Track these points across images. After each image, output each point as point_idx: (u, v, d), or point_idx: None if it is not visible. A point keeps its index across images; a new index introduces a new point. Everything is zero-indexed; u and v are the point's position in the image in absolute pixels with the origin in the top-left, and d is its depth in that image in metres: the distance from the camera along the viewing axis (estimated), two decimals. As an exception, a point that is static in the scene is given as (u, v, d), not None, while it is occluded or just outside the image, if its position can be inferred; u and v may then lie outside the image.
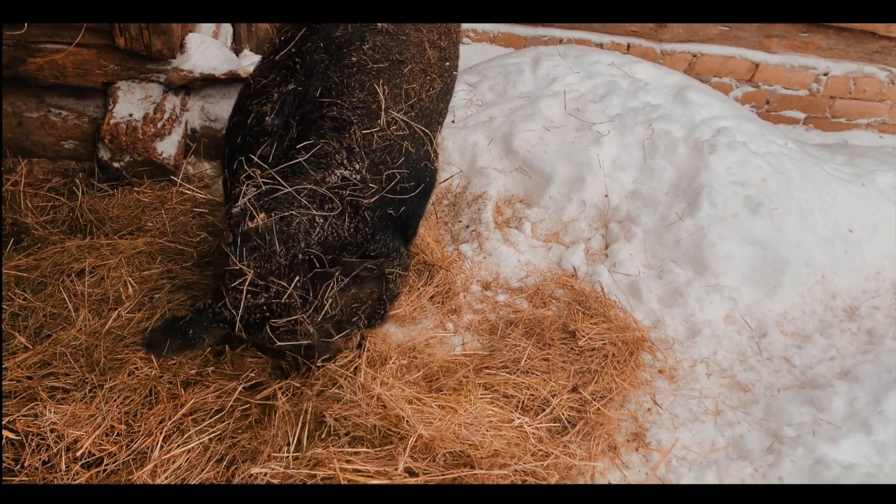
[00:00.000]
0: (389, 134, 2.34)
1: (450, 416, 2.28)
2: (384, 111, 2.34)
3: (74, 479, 2.04)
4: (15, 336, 2.40)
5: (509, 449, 2.26)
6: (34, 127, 3.19)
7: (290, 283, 2.03)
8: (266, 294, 2.04)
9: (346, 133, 2.27)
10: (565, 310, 2.95)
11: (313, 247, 2.09)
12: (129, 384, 2.28)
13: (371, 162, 2.28)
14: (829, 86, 5.12)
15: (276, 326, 2.06)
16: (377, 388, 2.29)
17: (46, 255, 2.78)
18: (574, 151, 3.42)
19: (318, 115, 2.27)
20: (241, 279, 2.02)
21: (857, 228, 3.36)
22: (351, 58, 2.40)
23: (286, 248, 2.07)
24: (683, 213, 3.24)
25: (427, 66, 2.63)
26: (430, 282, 2.99)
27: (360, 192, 2.22)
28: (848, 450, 2.48)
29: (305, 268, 2.07)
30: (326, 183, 2.17)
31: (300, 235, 2.09)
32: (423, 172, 2.48)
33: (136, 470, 2.06)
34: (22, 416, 2.14)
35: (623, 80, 3.84)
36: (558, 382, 2.60)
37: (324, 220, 2.13)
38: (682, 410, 2.68)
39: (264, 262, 2.05)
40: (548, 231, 3.33)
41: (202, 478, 2.07)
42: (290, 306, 2.06)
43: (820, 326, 3.08)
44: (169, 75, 3.24)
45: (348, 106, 2.31)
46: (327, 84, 2.33)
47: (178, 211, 3.13)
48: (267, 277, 2.04)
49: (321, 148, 2.21)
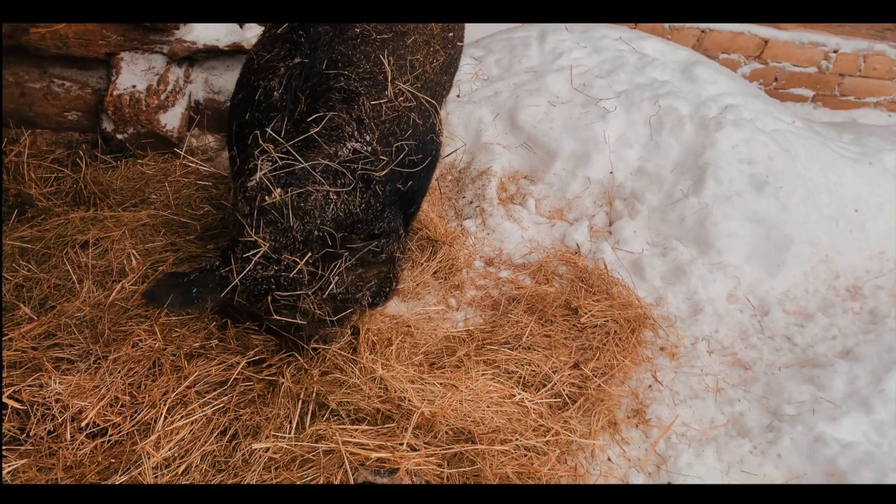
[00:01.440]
0: (397, 105, 2.33)
1: (451, 393, 2.29)
2: (390, 82, 2.32)
3: (80, 448, 2.06)
4: (20, 307, 2.41)
5: (510, 425, 2.28)
6: (37, 98, 3.18)
7: (301, 259, 2.04)
8: (276, 267, 2.05)
9: (355, 104, 2.25)
10: (568, 287, 2.95)
11: (328, 224, 2.10)
12: (133, 356, 2.29)
13: (381, 133, 2.26)
14: (838, 63, 5.07)
15: (278, 299, 2.07)
16: (379, 371, 2.30)
17: (50, 226, 2.78)
18: (580, 127, 3.41)
19: (325, 87, 2.25)
20: (254, 250, 2.03)
21: (863, 208, 3.35)
22: (354, 29, 2.37)
23: (302, 223, 2.07)
24: (688, 190, 3.23)
25: (430, 37, 2.60)
26: (434, 257, 2.99)
27: (372, 165, 2.21)
28: (847, 428, 2.50)
29: (318, 244, 2.08)
30: (339, 157, 2.16)
31: (316, 212, 2.09)
32: (430, 145, 2.47)
33: (140, 440, 2.08)
34: (27, 386, 2.16)
35: (630, 55, 3.81)
36: (559, 359, 2.61)
37: (337, 197, 2.12)
38: (682, 387, 2.69)
39: (280, 235, 2.06)
40: (552, 207, 3.32)
41: (205, 450, 2.09)
42: (297, 281, 2.07)
43: (822, 305, 3.08)
44: (172, 46, 3.22)
45: (355, 77, 2.28)
46: (333, 56, 2.31)
47: (182, 183, 3.12)
48: (281, 251, 2.04)
49: (331, 120, 2.19)
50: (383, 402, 2.24)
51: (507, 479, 2.14)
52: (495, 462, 2.15)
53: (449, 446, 2.16)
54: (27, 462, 2.02)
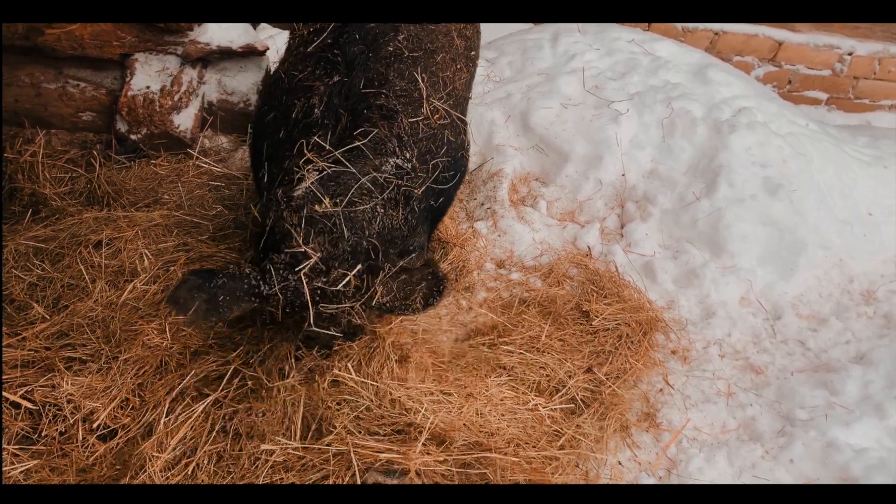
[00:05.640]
0: (433, 122, 2.34)
1: (468, 404, 2.27)
2: (426, 100, 2.33)
3: (92, 450, 2.07)
4: (33, 306, 2.42)
5: (524, 433, 2.27)
6: (52, 98, 3.20)
7: (351, 271, 1.99)
8: (324, 278, 1.99)
9: (395, 122, 2.25)
10: (579, 289, 2.94)
11: (373, 236, 2.06)
12: (143, 356, 2.30)
13: (419, 151, 2.27)
14: (853, 66, 5.03)
15: (321, 312, 2.01)
16: (396, 394, 2.26)
17: (64, 226, 2.80)
18: (592, 129, 3.40)
19: (366, 105, 2.25)
20: (305, 261, 1.97)
21: (877, 211, 3.32)
22: (388, 48, 2.38)
23: (352, 234, 2.03)
24: (701, 193, 3.22)
25: (456, 55, 2.62)
26: (445, 259, 2.99)
27: (412, 181, 2.21)
28: (860, 433, 2.48)
29: (364, 257, 2.04)
30: (383, 171, 2.15)
31: (364, 223, 2.06)
32: (461, 162, 2.49)
33: (143, 442, 2.09)
34: (40, 386, 2.17)
35: (643, 57, 3.80)
36: (574, 363, 2.60)
37: (383, 210, 2.10)
38: (694, 391, 2.67)
39: (331, 246, 2.01)
40: (563, 210, 3.31)
41: (209, 449, 2.09)
42: (342, 293, 2.01)
43: (836, 310, 3.06)
44: (186, 48, 3.23)
45: (392, 95, 2.29)
46: (369, 75, 2.31)
47: (195, 184, 3.14)
48: (330, 262, 1.99)
49: (376, 135, 2.19)
50: (397, 417, 2.22)
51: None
52: (506, 469, 2.14)
53: (460, 455, 2.14)
54: (39, 462, 2.03)
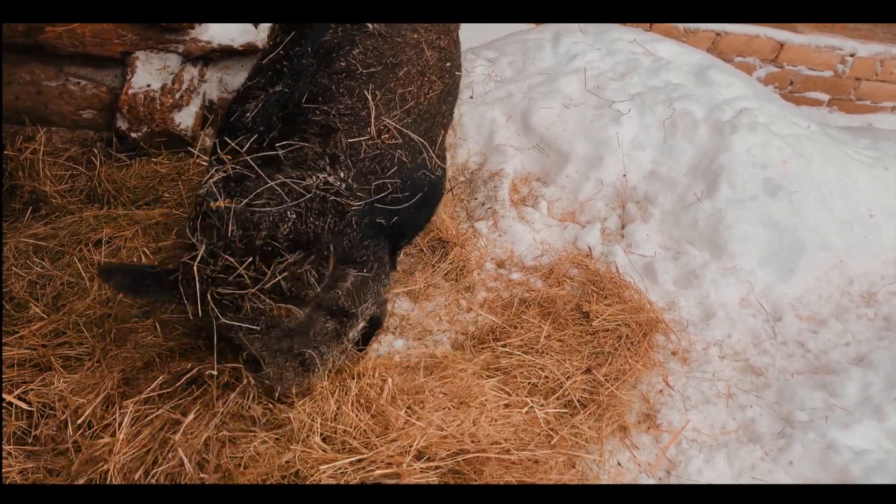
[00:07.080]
0: (380, 143, 2.26)
1: (463, 416, 2.27)
2: (374, 119, 2.26)
3: (76, 448, 2.06)
4: (32, 304, 2.42)
5: (515, 436, 2.27)
6: (53, 96, 3.20)
7: (241, 264, 1.93)
8: (212, 266, 1.94)
9: (331, 140, 2.18)
10: (579, 289, 2.94)
11: (279, 240, 1.99)
12: (132, 354, 2.29)
13: (358, 171, 2.20)
14: (854, 67, 5.02)
15: (219, 297, 1.95)
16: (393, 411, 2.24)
17: (64, 224, 2.80)
18: (593, 130, 3.39)
19: (303, 118, 2.19)
20: (192, 253, 1.96)
21: (878, 213, 3.32)
22: (340, 63, 2.31)
23: (245, 233, 1.98)
24: (702, 194, 3.21)
25: (425, 67, 2.53)
26: (445, 258, 2.99)
27: (345, 198, 2.14)
28: (860, 435, 2.48)
29: (261, 254, 1.97)
30: (301, 183, 2.09)
31: (263, 225, 2.00)
32: (420, 181, 2.39)
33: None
34: (35, 387, 2.17)
35: (645, 58, 3.79)
36: (572, 364, 2.60)
37: (295, 216, 2.04)
38: (693, 392, 2.67)
39: (219, 239, 1.97)
40: (564, 210, 3.31)
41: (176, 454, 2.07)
42: (238, 283, 1.94)
43: (836, 311, 3.05)
44: (187, 46, 3.23)
45: (335, 112, 2.22)
46: (315, 89, 2.25)
47: (195, 182, 3.13)
48: (217, 254, 1.95)
49: (302, 150, 2.13)
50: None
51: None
52: (496, 471, 2.13)
53: (447, 461, 2.14)
54: (35, 465, 2.03)
